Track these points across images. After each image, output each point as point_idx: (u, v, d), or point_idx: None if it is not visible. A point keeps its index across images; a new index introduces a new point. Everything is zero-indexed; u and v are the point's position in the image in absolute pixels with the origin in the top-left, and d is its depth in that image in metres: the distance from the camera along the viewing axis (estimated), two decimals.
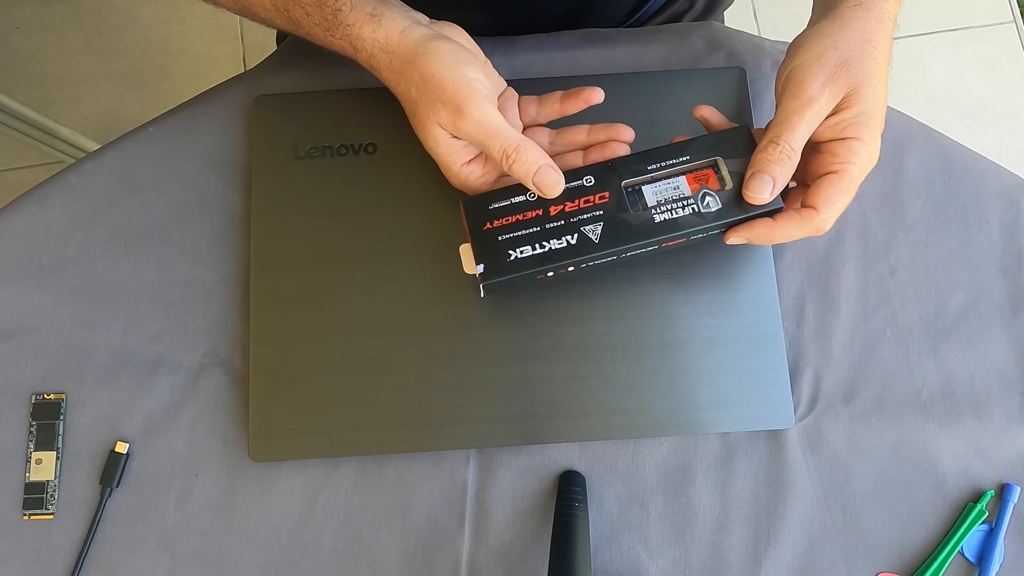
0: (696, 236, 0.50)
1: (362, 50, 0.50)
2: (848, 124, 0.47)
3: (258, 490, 0.53)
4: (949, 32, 1.39)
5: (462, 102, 0.47)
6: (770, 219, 0.49)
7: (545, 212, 0.49)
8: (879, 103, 0.48)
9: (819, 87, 0.47)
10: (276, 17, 0.52)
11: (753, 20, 1.41)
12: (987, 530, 0.53)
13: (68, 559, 0.53)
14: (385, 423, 0.53)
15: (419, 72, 0.48)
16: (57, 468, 0.54)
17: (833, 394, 0.55)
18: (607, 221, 0.49)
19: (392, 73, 0.50)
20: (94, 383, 0.55)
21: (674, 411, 0.53)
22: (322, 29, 0.50)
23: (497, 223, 0.49)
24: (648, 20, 0.72)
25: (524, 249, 0.48)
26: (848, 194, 0.48)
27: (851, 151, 0.47)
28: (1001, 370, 0.56)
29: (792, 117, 0.47)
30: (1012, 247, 0.58)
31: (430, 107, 0.48)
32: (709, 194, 0.49)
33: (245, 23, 1.38)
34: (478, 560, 0.52)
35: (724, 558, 0.52)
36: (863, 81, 0.47)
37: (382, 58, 0.50)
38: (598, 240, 0.48)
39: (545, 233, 0.49)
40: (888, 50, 0.49)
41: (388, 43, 0.49)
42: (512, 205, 0.49)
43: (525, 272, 0.48)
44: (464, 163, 0.51)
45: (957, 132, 0.61)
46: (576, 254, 0.48)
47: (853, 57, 0.47)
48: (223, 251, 0.57)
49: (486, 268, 0.49)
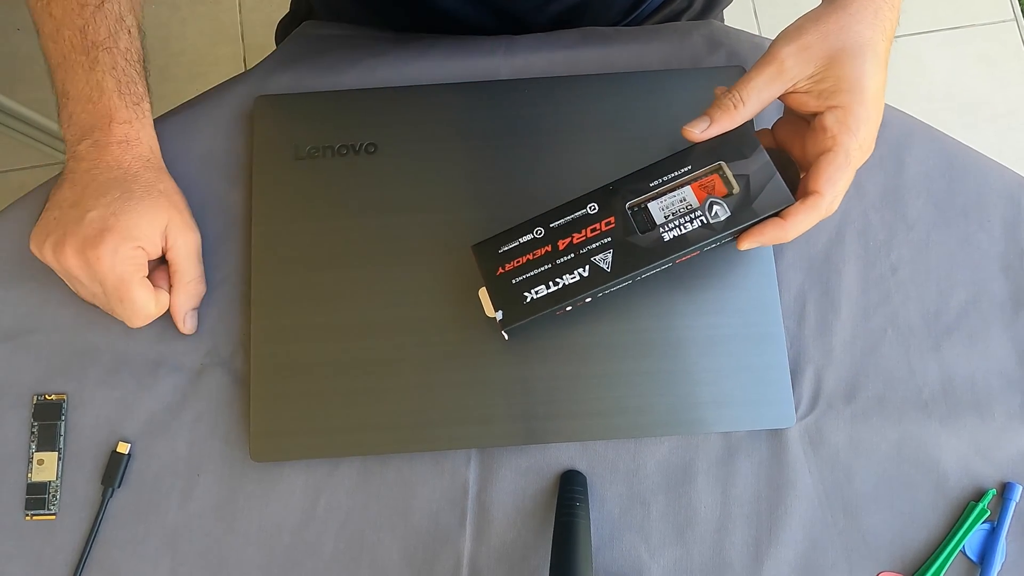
0: (709, 247, 0.49)
1: (138, 120, 0.53)
2: (829, 91, 0.47)
3: (259, 490, 0.53)
4: (950, 30, 1.38)
5: (193, 222, 0.54)
6: (779, 218, 0.48)
7: (554, 247, 0.49)
8: (864, 73, 0.47)
9: (788, 51, 0.47)
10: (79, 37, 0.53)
11: (753, 19, 1.41)
12: (989, 529, 0.53)
13: (70, 559, 0.53)
14: (386, 423, 0.53)
15: (168, 178, 0.54)
16: (59, 468, 0.54)
17: (834, 393, 0.55)
18: (616, 247, 0.48)
19: (138, 156, 0.53)
20: (96, 383, 0.55)
21: (675, 410, 0.53)
22: (115, 80, 0.52)
23: (509, 266, 0.49)
24: (646, 19, 0.72)
25: (539, 289, 0.48)
26: (847, 170, 0.47)
27: (838, 121, 0.47)
28: (1002, 369, 0.56)
29: (752, 72, 0.48)
30: (1013, 246, 0.58)
31: (168, 202, 0.52)
32: (717, 203, 0.48)
33: (246, 24, 1.38)
34: (479, 560, 0.52)
35: (725, 557, 0.52)
36: (842, 49, 0.47)
37: (143, 146, 0.53)
38: (610, 269, 0.48)
39: (557, 269, 0.48)
40: (884, 31, 0.48)
41: (153, 153, 0.54)
42: (521, 245, 0.49)
43: (543, 312, 0.48)
44: (140, 272, 0.51)
45: (957, 130, 0.61)
46: (590, 286, 0.48)
47: (833, 29, 0.47)
48: (224, 251, 0.57)
49: (505, 314, 0.48)
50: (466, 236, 0.52)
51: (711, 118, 0.48)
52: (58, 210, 0.51)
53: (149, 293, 0.51)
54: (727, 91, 0.48)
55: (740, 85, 0.48)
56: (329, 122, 0.58)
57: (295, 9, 0.82)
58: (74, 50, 0.51)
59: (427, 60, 0.60)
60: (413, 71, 0.60)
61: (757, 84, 0.47)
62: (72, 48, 0.51)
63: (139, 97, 0.53)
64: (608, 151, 0.57)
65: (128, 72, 0.52)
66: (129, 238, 0.50)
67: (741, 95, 0.48)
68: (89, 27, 0.51)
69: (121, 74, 0.52)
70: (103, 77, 0.51)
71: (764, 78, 0.47)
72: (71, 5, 0.51)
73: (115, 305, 0.51)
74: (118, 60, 0.52)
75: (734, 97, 0.48)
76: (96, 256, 0.49)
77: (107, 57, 0.51)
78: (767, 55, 0.48)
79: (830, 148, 0.47)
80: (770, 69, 0.47)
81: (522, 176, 0.57)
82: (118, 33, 0.52)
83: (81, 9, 0.51)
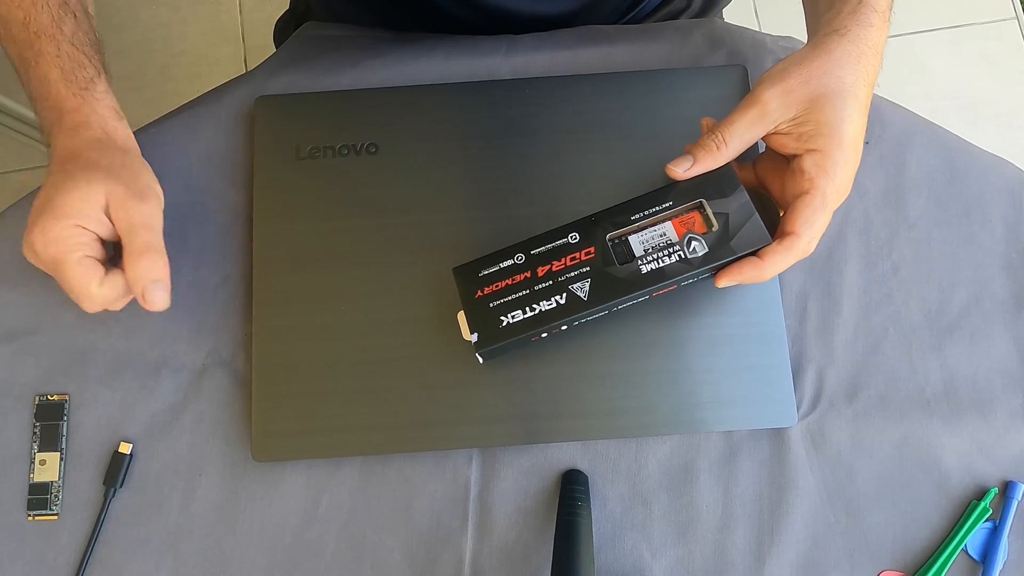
0: (686, 282, 0.50)
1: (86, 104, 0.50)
2: (809, 135, 0.48)
3: (261, 490, 0.53)
4: (951, 29, 1.38)
5: (147, 194, 0.50)
6: (757, 258, 0.48)
7: (533, 274, 0.49)
8: (844, 118, 0.47)
9: (771, 94, 0.47)
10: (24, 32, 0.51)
11: (754, 17, 1.41)
12: (991, 528, 0.53)
13: (72, 559, 0.53)
14: (388, 423, 0.53)
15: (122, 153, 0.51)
16: (61, 469, 0.54)
17: (836, 392, 0.55)
18: (594, 277, 0.49)
19: (73, 126, 0.50)
20: (97, 384, 0.55)
21: (677, 410, 0.53)
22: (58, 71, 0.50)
23: (488, 289, 0.49)
24: (645, 18, 0.72)
25: (515, 314, 0.49)
26: (823, 213, 0.48)
27: (816, 165, 0.47)
28: (1004, 368, 0.55)
29: (735, 114, 0.48)
30: (1015, 244, 0.58)
31: (108, 176, 0.49)
32: (695, 239, 0.49)
33: (246, 24, 1.38)
34: (481, 559, 0.52)
35: (727, 557, 0.52)
36: (823, 94, 0.47)
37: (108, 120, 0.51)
38: (586, 297, 0.48)
39: (534, 295, 0.49)
40: (866, 77, 0.48)
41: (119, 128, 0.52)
42: (501, 270, 0.49)
43: (518, 337, 0.48)
44: (76, 251, 0.48)
45: (958, 129, 0.61)
46: (566, 313, 0.48)
47: (816, 74, 0.47)
48: (225, 251, 0.57)
49: (480, 336, 0.49)
50: (466, 236, 0.52)
51: (694, 157, 0.49)
52: None
53: (87, 272, 0.48)
54: (711, 131, 0.49)
55: (723, 127, 0.48)
56: (330, 122, 0.58)
57: (293, 8, 0.82)
58: (23, 46, 0.51)
59: (427, 60, 0.60)
60: (413, 71, 0.60)
61: (740, 126, 0.48)
62: (21, 45, 0.51)
63: (86, 81, 0.51)
64: (608, 151, 0.57)
65: (74, 57, 0.51)
66: (61, 216, 0.47)
67: (724, 136, 0.48)
68: (31, 18, 0.51)
69: (65, 61, 0.51)
70: (48, 69, 0.50)
71: (747, 121, 0.48)
72: None
73: (62, 287, 0.49)
74: (62, 47, 0.51)
75: (717, 138, 0.48)
76: (31, 239, 0.48)
77: (50, 46, 0.50)
78: (750, 97, 0.48)
79: (807, 191, 0.47)
80: (753, 111, 0.48)
81: (522, 176, 0.57)
82: (62, 19, 0.51)
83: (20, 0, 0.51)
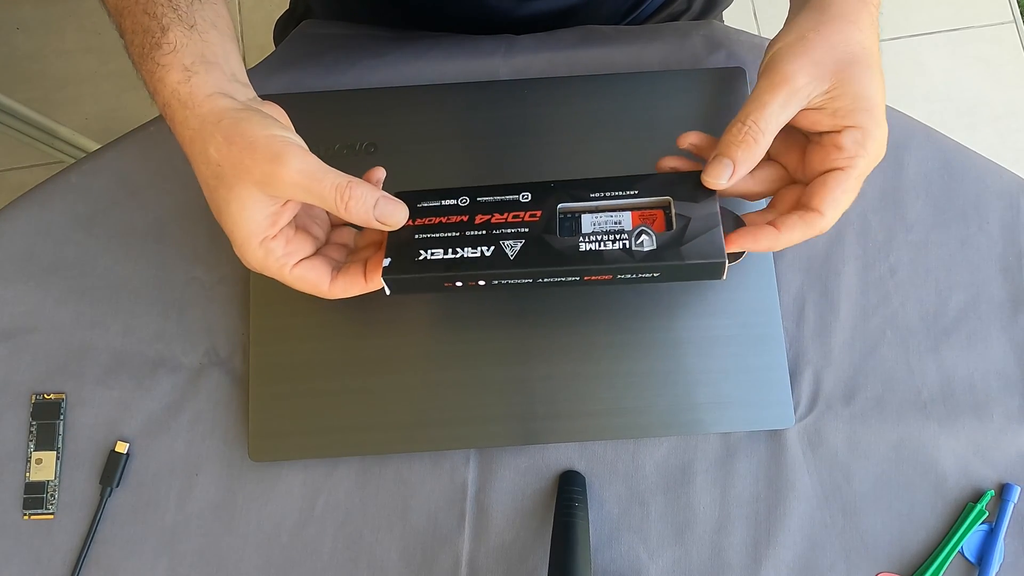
0: (624, 275, 0.45)
1: (159, 93, 0.44)
2: (846, 111, 0.43)
3: (258, 490, 0.53)
4: (949, 32, 1.39)
5: (280, 152, 0.41)
6: (773, 228, 0.45)
7: (471, 219, 0.46)
8: (875, 87, 0.43)
9: (797, 67, 0.43)
10: (115, 20, 0.47)
11: (753, 20, 1.41)
12: (987, 530, 0.53)
13: (68, 559, 0.53)
14: (385, 423, 0.53)
15: (223, 133, 0.42)
16: (57, 468, 0.54)
17: (833, 394, 0.55)
18: (529, 240, 0.45)
19: (187, 130, 0.43)
20: (94, 383, 0.55)
21: (674, 411, 0.53)
22: (137, 55, 0.45)
23: (420, 221, 0.46)
24: (645, 20, 0.72)
25: (435, 252, 0.45)
26: (854, 193, 0.44)
27: (857, 143, 0.43)
28: (1001, 370, 0.56)
29: (764, 96, 0.43)
30: (1012, 247, 0.58)
31: (238, 167, 0.41)
32: (647, 233, 0.44)
33: (245, 23, 1.38)
34: (478, 560, 0.52)
35: (724, 558, 0.52)
36: (850, 61, 0.43)
37: (177, 110, 0.43)
38: (513, 257, 0.45)
39: (462, 240, 0.45)
40: (876, 35, 0.45)
41: (189, 99, 0.43)
42: (441, 207, 0.47)
43: (429, 274, 0.45)
44: (265, 239, 0.44)
45: (957, 132, 0.61)
46: (487, 267, 0.45)
47: (837, 39, 0.43)
48: (223, 251, 0.57)
49: (391, 262, 0.45)
50: None
51: (732, 160, 0.43)
52: None
53: (304, 282, 0.45)
54: (739, 122, 0.44)
55: (754, 113, 0.43)
56: (329, 122, 0.58)
57: (293, 8, 0.82)
58: (123, 38, 0.47)
59: (427, 60, 0.60)
60: (413, 71, 0.60)
61: (773, 109, 0.43)
62: (124, 37, 0.47)
63: (151, 48, 0.44)
64: (608, 151, 0.57)
65: (142, 25, 0.44)
66: (242, 243, 0.44)
67: (759, 124, 0.43)
68: None
69: (138, 37, 0.44)
70: (130, 52, 0.45)
71: (780, 101, 0.43)
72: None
73: None
74: (137, 19, 0.45)
75: (753, 129, 0.43)
76: (246, 264, 0.45)
77: (128, 21, 0.45)
78: (774, 74, 0.43)
79: (843, 168, 0.44)
80: (784, 90, 0.43)
81: (522, 176, 0.56)
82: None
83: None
